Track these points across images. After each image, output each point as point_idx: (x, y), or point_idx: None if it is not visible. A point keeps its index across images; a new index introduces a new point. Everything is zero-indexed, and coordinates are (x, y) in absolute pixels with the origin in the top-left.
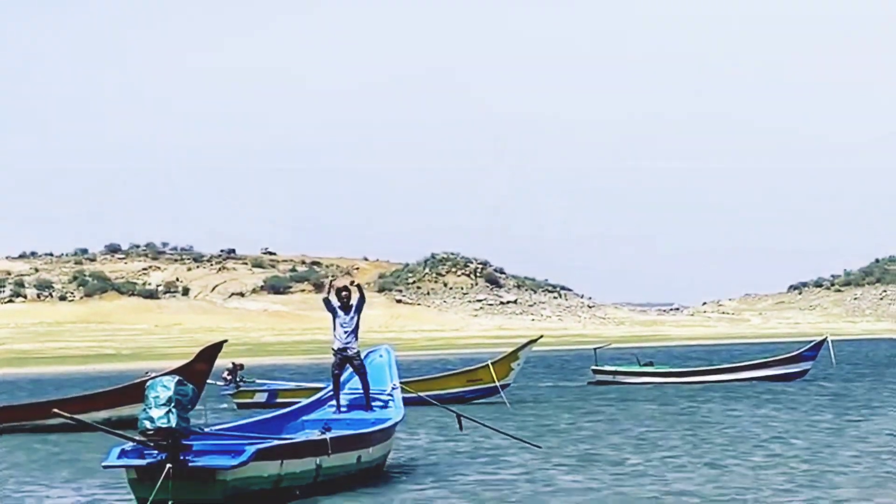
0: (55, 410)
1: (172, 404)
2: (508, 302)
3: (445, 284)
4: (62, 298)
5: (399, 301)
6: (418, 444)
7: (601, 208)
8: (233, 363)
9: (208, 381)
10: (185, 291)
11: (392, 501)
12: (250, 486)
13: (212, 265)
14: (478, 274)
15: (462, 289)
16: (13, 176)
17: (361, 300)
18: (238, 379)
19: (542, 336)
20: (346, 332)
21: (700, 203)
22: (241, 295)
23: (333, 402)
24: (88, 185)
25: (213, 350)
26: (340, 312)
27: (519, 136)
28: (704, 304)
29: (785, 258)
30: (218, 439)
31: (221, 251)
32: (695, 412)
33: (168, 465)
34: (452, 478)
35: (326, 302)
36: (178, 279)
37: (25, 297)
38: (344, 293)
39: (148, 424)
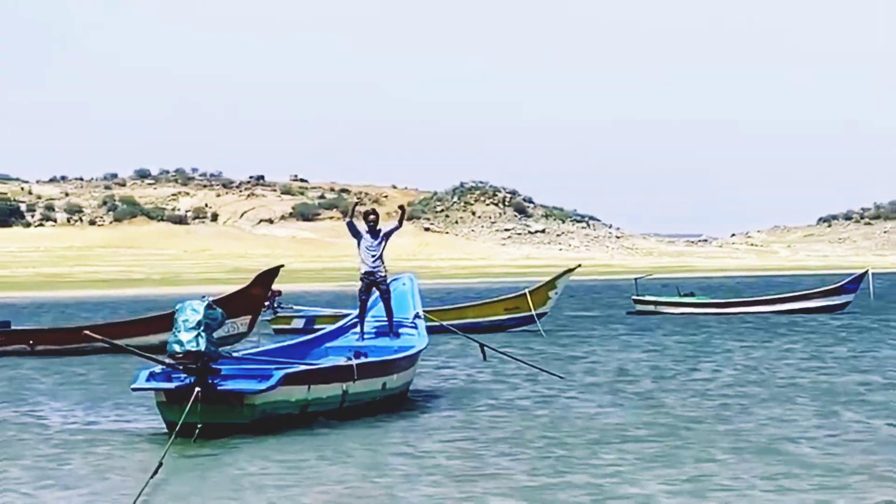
0: (86, 333)
1: (202, 328)
2: (536, 231)
3: (474, 213)
4: (92, 223)
5: (427, 229)
6: (441, 372)
7: (631, 139)
8: (270, 290)
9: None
10: (214, 217)
11: (414, 428)
12: (277, 411)
13: (241, 191)
14: (506, 203)
15: (490, 218)
16: (44, 101)
17: (398, 226)
18: (276, 305)
19: (580, 265)
20: (373, 257)
21: (730, 134)
22: (270, 221)
23: (357, 330)
24: (119, 110)
25: (269, 275)
26: (367, 236)
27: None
28: (733, 235)
29: (814, 190)
30: (246, 363)
31: (250, 177)
32: (720, 345)
33: (196, 389)
34: (473, 405)
35: (350, 225)
36: (206, 205)
37: (55, 221)
38: (371, 217)
39: (177, 348)
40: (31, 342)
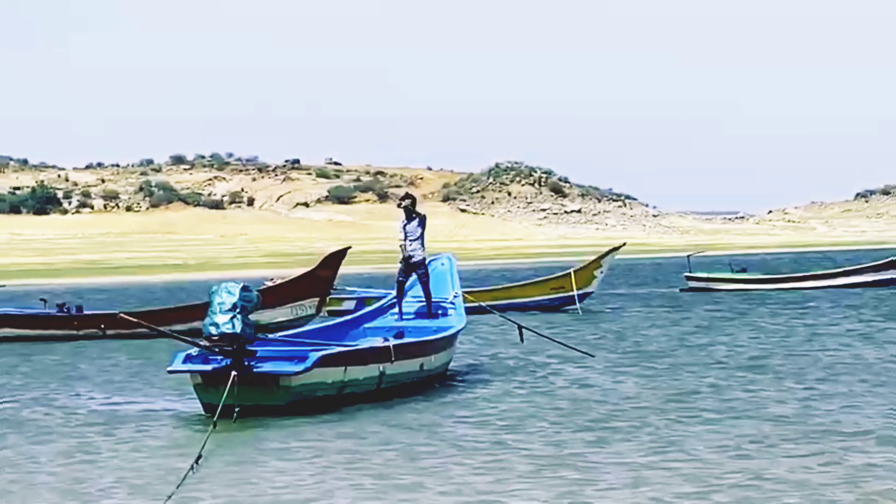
0: (121, 316)
1: (238, 310)
2: (572, 211)
3: (509, 194)
4: (128, 209)
5: (463, 211)
6: (480, 352)
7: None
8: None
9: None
10: (250, 202)
11: (453, 408)
12: (314, 392)
13: (276, 175)
14: (542, 183)
15: (526, 198)
16: (79, 88)
17: (423, 218)
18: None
19: (624, 244)
20: (411, 240)
21: (766, 110)
22: (306, 205)
23: (395, 311)
24: (154, 96)
25: (337, 256)
26: (406, 222)
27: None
28: (770, 212)
29: (851, 165)
30: (282, 345)
31: (286, 161)
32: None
33: (233, 371)
34: (511, 386)
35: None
36: (242, 189)
37: (92, 207)
38: (406, 201)
39: (213, 330)
40: (102, 326)
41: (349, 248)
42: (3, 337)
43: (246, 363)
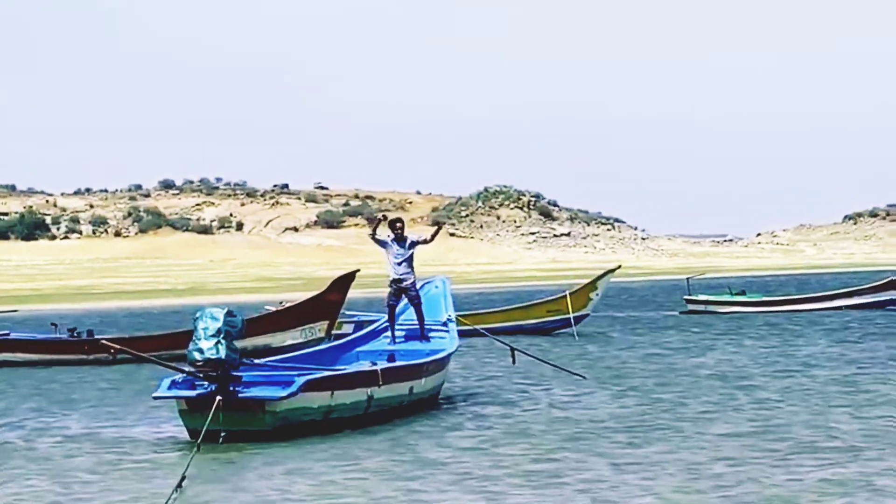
0: (102, 342)
1: (222, 335)
2: (562, 234)
3: (498, 217)
4: (117, 234)
5: (452, 234)
6: (473, 375)
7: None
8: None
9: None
10: (239, 226)
11: (442, 432)
12: (300, 417)
13: (265, 200)
14: (531, 206)
15: (515, 221)
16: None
17: (428, 240)
18: None
19: (620, 266)
20: (400, 264)
21: (755, 133)
22: (295, 230)
23: (388, 334)
24: (142, 122)
25: (345, 280)
26: (394, 244)
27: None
28: (759, 235)
29: (840, 188)
30: (268, 370)
31: (275, 186)
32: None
33: (218, 397)
34: (501, 409)
35: (374, 239)
36: (231, 214)
37: (81, 233)
38: (398, 224)
39: (197, 356)
40: (112, 351)
41: (358, 271)
42: (15, 361)
43: (231, 388)
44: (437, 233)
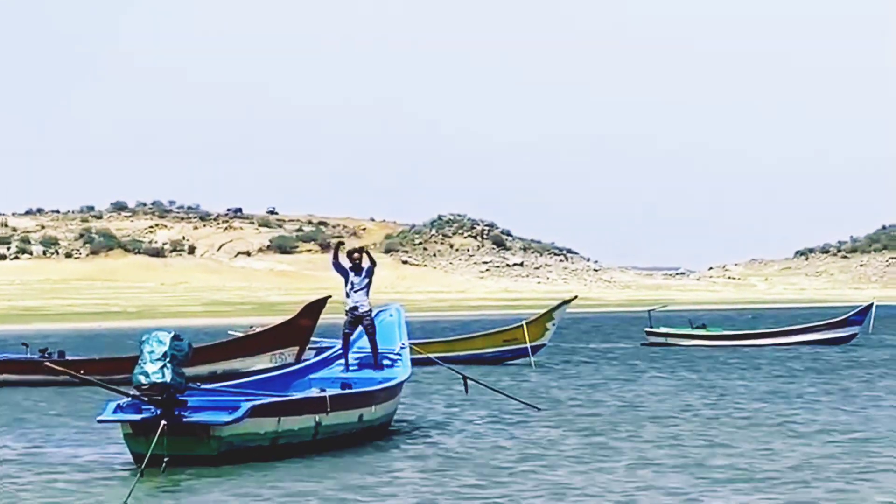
0: (46, 364)
1: (168, 359)
2: (514, 264)
3: (452, 246)
4: (68, 255)
5: (405, 262)
6: (426, 404)
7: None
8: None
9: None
10: (192, 250)
11: (390, 460)
12: (246, 443)
13: (218, 224)
14: (484, 236)
15: (468, 250)
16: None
17: (373, 264)
18: None
19: (576, 297)
20: (357, 293)
21: (707, 168)
22: (248, 254)
23: (342, 361)
24: (95, 143)
25: (316, 306)
26: (352, 273)
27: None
28: (710, 268)
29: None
30: (215, 395)
31: (228, 210)
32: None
33: (163, 421)
34: (452, 438)
35: (336, 265)
36: (184, 238)
37: (31, 253)
38: (356, 255)
39: (143, 379)
40: (81, 372)
41: (329, 297)
42: None
43: (176, 413)
44: (367, 255)
